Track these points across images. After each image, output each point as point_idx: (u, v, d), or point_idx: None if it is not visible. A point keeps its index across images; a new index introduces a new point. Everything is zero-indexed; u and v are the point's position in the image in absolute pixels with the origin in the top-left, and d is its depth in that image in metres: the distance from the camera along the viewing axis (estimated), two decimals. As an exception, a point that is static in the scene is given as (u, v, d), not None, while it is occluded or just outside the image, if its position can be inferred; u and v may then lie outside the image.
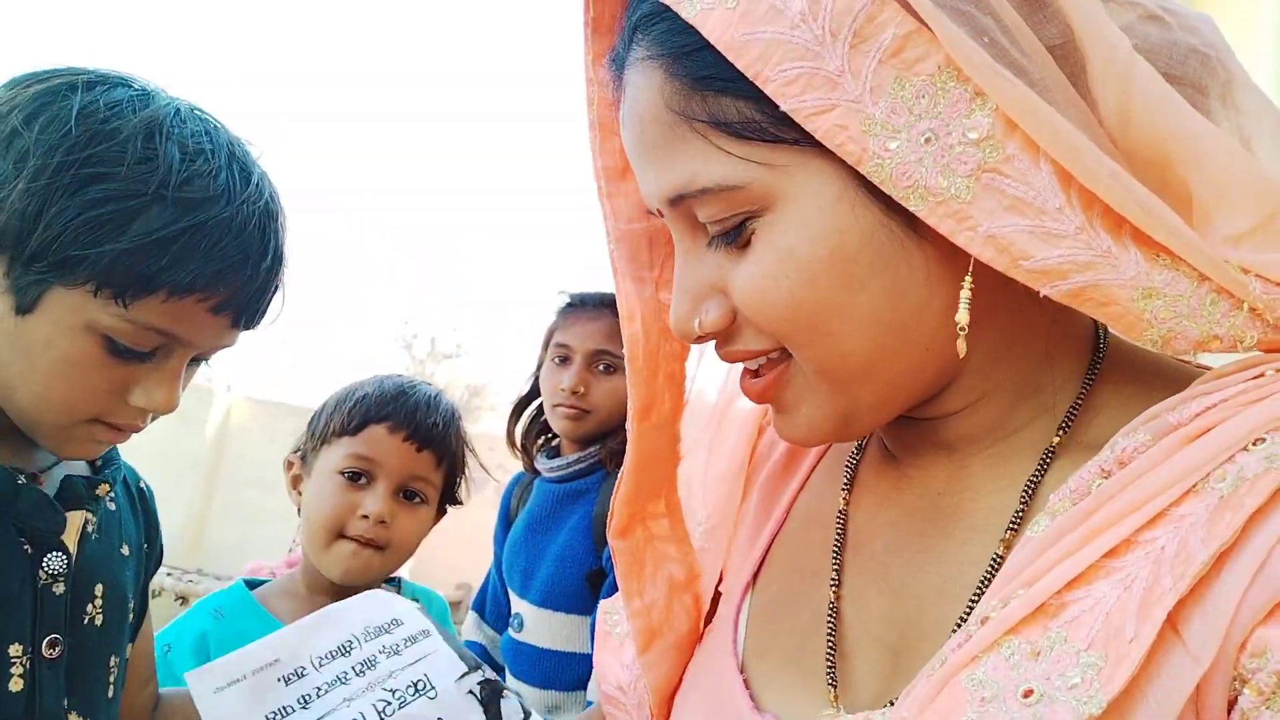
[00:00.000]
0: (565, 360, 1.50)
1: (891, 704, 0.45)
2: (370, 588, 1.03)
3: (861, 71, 0.40)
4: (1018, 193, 0.39)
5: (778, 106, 0.41)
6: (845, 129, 0.40)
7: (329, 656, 0.70)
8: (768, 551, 0.59)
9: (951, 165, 0.39)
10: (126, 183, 0.60)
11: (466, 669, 0.75)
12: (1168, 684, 0.36)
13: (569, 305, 1.56)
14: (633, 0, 0.47)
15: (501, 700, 0.72)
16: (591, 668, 1.35)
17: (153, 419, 0.69)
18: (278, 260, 0.69)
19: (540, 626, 1.41)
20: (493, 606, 1.61)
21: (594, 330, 1.49)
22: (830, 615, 0.51)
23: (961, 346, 0.43)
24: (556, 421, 1.50)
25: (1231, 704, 0.36)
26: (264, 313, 0.71)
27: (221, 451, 5.51)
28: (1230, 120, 0.44)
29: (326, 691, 0.68)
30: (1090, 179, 0.39)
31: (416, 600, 1.11)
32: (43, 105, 0.61)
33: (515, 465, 1.65)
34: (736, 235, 0.45)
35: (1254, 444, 0.38)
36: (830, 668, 0.49)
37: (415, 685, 0.72)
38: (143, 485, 0.85)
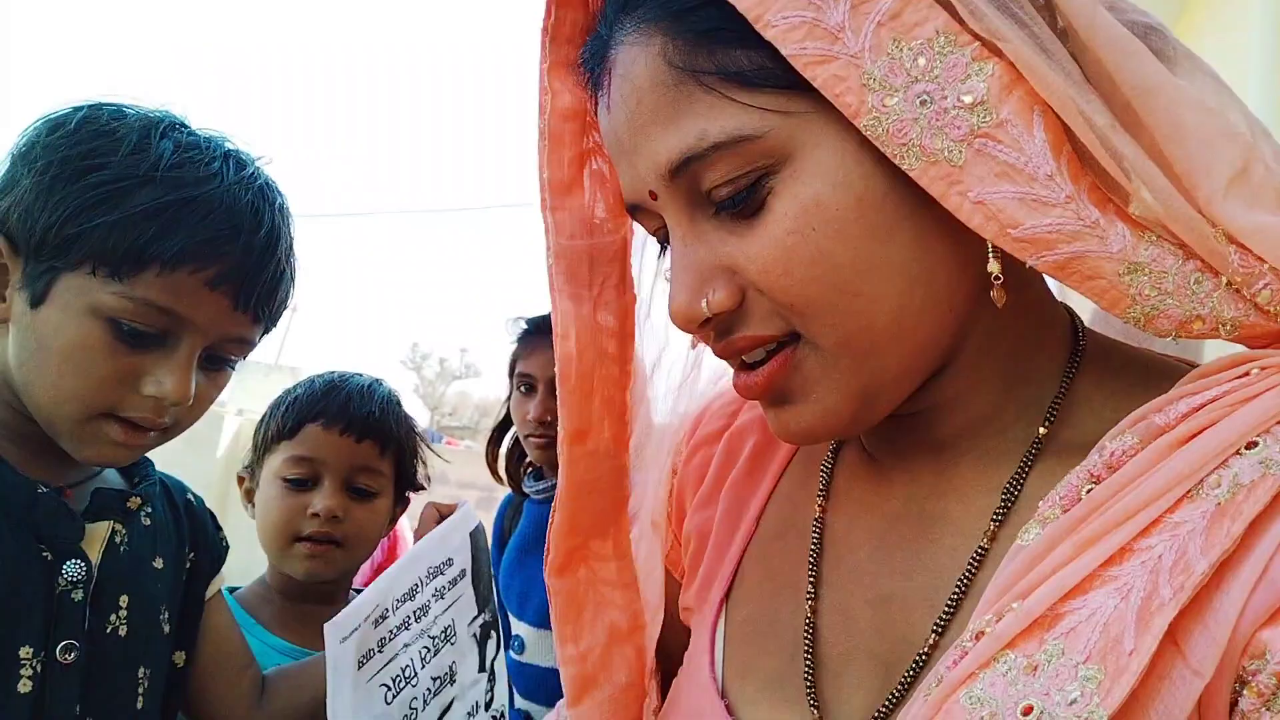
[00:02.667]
0: (530, 389, 1.48)
1: (879, 717, 0.44)
2: (337, 584, 1.08)
3: (862, 30, 0.39)
4: (1009, 159, 0.39)
5: None
6: (844, 80, 0.39)
7: (402, 599, 0.76)
8: (739, 566, 0.57)
9: (945, 129, 0.39)
10: (119, 169, 0.64)
11: (477, 611, 0.83)
12: (1169, 699, 0.35)
13: (526, 332, 1.53)
14: None
15: (488, 640, 0.83)
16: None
17: (173, 420, 0.70)
18: (274, 236, 0.71)
19: (541, 646, 1.41)
20: (494, 627, 1.61)
21: (552, 357, 1.47)
22: (808, 631, 0.49)
23: (998, 296, 0.42)
24: (530, 451, 1.50)
25: (1233, 706, 0.35)
26: (271, 297, 0.72)
27: (232, 474, 5.49)
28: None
29: (394, 636, 0.74)
30: (1086, 137, 0.38)
31: None
32: (57, 122, 0.67)
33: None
34: (749, 197, 0.42)
35: (1247, 447, 0.37)
36: (810, 688, 0.47)
37: (445, 632, 0.79)
38: (190, 497, 0.87)
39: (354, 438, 1.04)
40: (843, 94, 0.39)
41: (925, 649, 0.44)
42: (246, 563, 1.08)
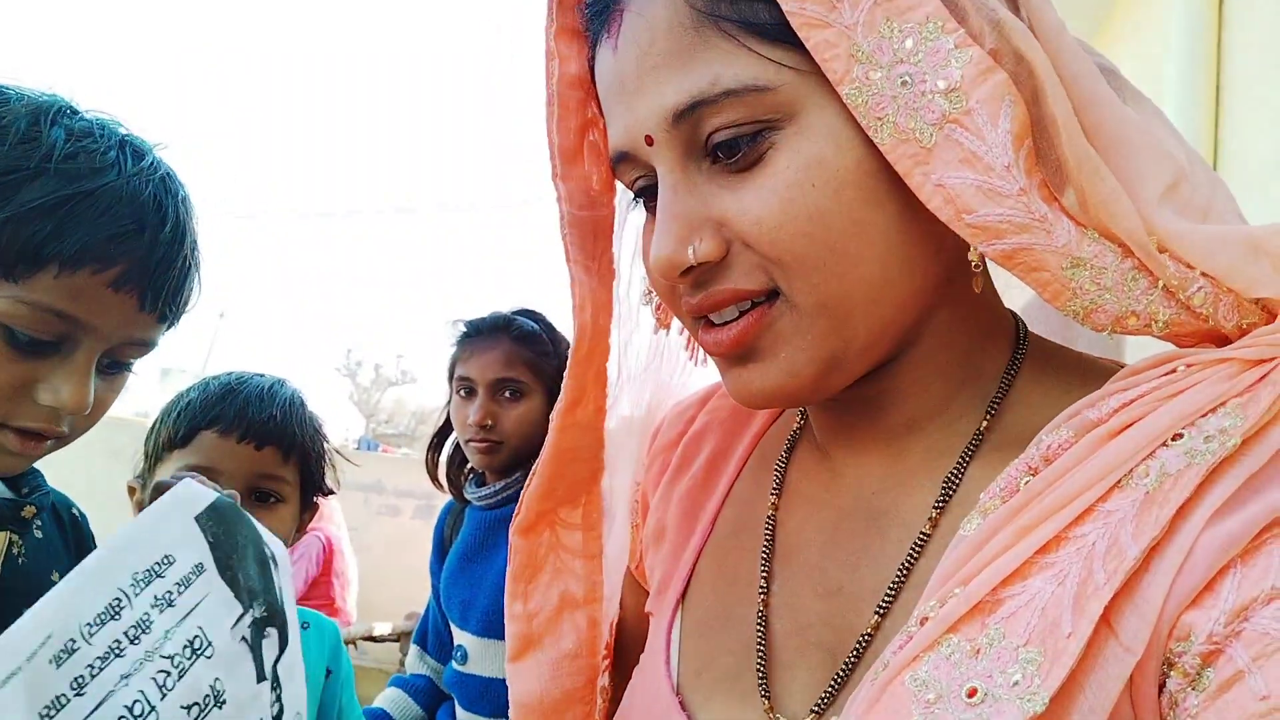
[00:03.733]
0: (470, 393, 1.47)
1: (819, 708, 0.45)
2: None
3: (859, 5, 0.41)
4: (973, 146, 0.40)
5: None
6: (834, 46, 0.41)
7: (98, 622, 0.58)
8: (695, 566, 0.57)
9: (920, 111, 0.41)
10: (7, 161, 0.59)
11: (242, 609, 0.66)
12: (1103, 676, 0.37)
13: (465, 335, 1.52)
14: None
15: (263, 640, 0.67)
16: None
17: (70, 427, 0.66)
18: (180, 232, 0.66)
19: (485, 656, 1.38)
20: (434, 637, 1.57)
21: (492, 359, 1.46)
22: (760, 624, 0.50)
23: (978, 283, 0.44)
24: (472, 455, 1.48)
25: (1161, 687, 0.37)
26: (177, 296, 0.67)
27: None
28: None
29: (101, 668, 0.57)
30: (1066, 121, 0.41)
31: (305, 626, 1.04)
32: None
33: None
34: (749, 148, 0.43)
35: (1173, 439, 0.39)
36: (762, 679, 0.48)
37: (192, 644, 0.63)
38: (75, 512, 0.82)
39: (254, 444, 0.97)
40: (830, 59, 0.41)
41: (868, 633, 0.45)
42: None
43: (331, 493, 1.09)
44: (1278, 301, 0.41)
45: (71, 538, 0.80)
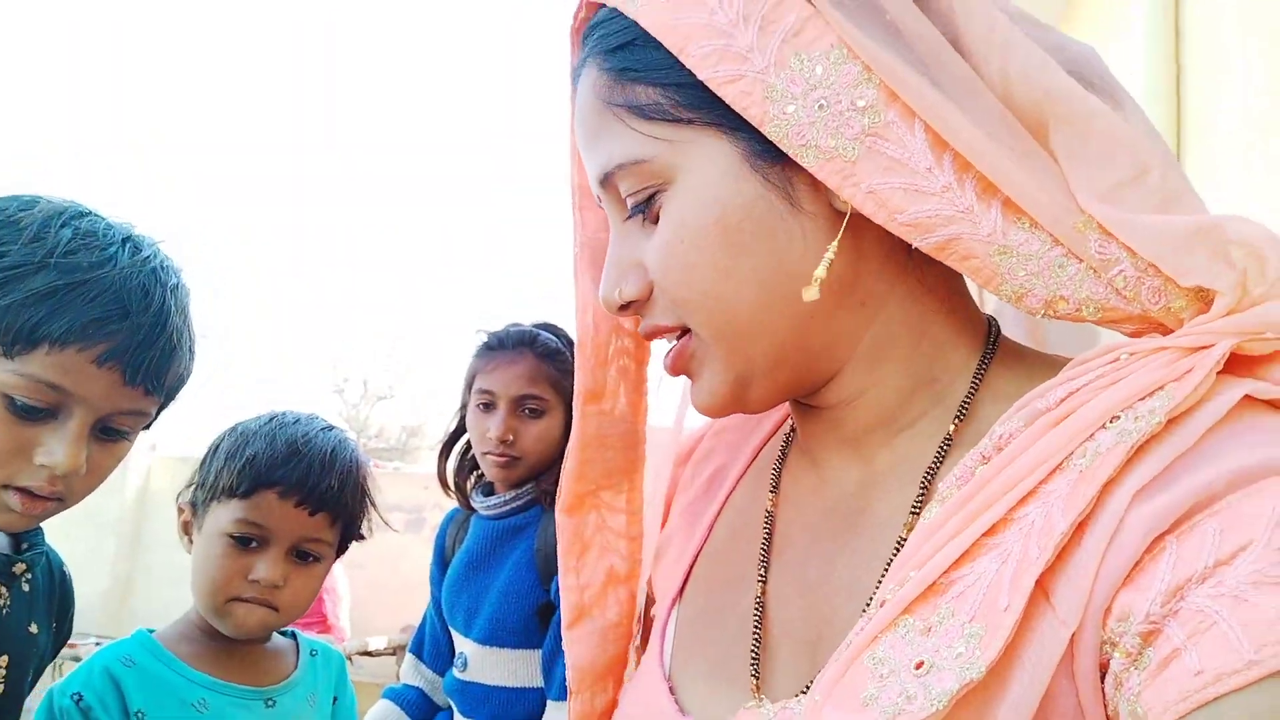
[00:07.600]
0: (489, 406, 1.45)
1: (802, 694, 0.47)
2: (265, 637, 1.06)
3: (768, 49, 0.46)
4: (895, 154, 0.44)
5: (680, 94, 0.48)
6: (750, 95, 0.46)
7: None
8: (691, 568, 0.61)
9: (840, 129, 0.45)
10: (18, 256, 0.69)
11: None
12: (1039, 647, 0.38)
13: (487, 346, 1.50)
14: (580, 15, 0.56)
15: None
16: (542, 702, 1.33)
17: (68, 489, 0.73)
18: (163, 316, 0.75)
19: (487, 664, 1.39)
20: (431, 647, 1.57)
21: (516, 375, 1.45)
22: (756, 612, 0.53)
23: (810, 293, 0.48)
24: (487, 468, 1.47)
25: (1105, 667, 0.39)
26: (161, 372, 0.76)
27: (144, 513, 5.28)
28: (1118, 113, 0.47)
29: None
30: (957, 142, 0.44)
31: (314, 653, 1.10)
32: None
33: (453, 504, 1.63)
34: (648, 207, 0.50)
35: (1110, 422, 0.41)
36: (754, 661, 0.51)
37: None
38: (65, 570, 0.91)
39: (309, 510, 1.01)
40: (749, 106, 0.46)
41: (844, 632, 0.47)
42: (164, 604, 1.05)
43: (363, 538, 1.13)
44: (1214, 290, 0.43)
45: (57, 594, 0.89)
